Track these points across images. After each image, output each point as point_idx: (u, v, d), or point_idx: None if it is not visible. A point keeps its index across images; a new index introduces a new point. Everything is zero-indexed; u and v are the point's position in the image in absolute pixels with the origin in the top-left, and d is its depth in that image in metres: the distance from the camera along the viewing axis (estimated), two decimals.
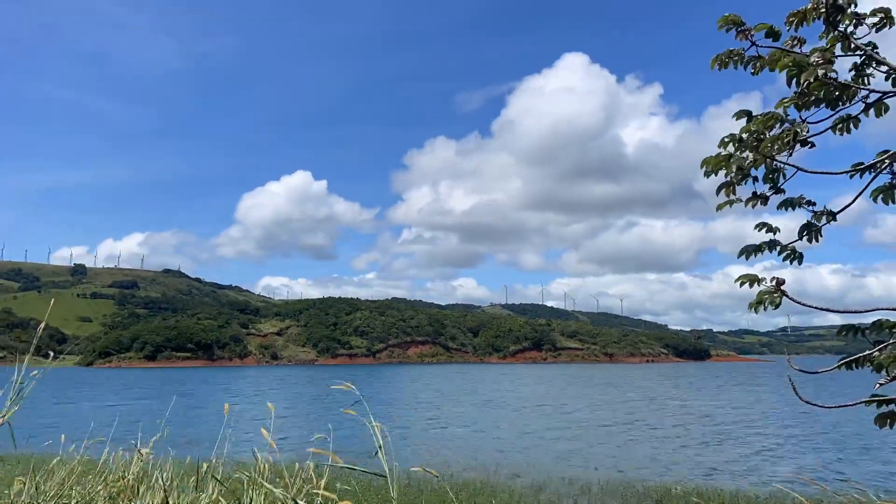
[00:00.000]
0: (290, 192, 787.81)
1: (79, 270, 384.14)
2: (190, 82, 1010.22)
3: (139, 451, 6.80)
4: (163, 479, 6.10)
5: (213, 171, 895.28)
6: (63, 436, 7.59)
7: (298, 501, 4.22)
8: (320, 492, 3.96)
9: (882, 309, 3.86)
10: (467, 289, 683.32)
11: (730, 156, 4.07)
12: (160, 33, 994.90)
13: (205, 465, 6.61)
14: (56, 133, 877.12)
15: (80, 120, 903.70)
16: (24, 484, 6.31)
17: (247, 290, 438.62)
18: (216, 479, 5.80)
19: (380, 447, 4.04)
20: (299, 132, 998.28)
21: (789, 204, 4.04)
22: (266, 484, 4.53)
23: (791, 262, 4.00)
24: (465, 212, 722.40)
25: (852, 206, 4.01)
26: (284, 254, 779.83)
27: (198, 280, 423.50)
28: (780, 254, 4.01)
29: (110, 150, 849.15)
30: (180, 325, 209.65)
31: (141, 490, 6.32)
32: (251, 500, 5.65)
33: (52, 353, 5.69)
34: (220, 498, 5.97)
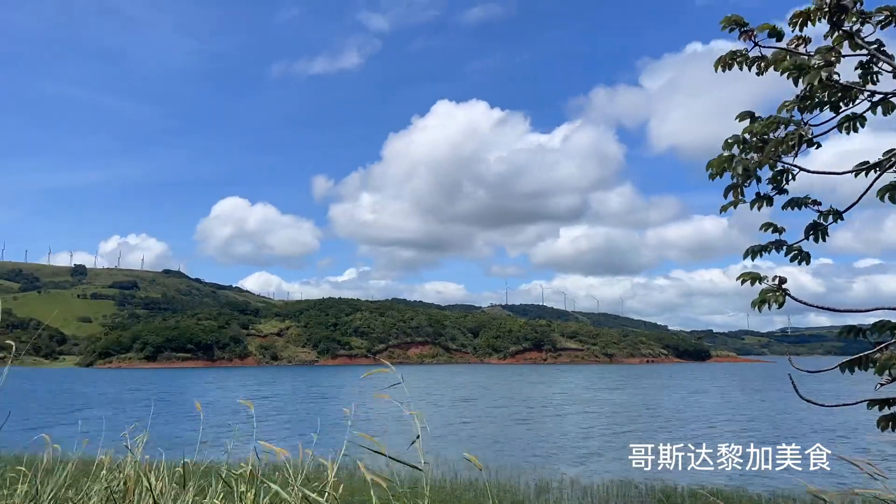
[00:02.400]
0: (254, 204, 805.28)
1: (79, 271, 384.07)
2: (205, 81, 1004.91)
3: (131, 451, 6.78)
4: (154, 481, 6.08)
5: (208, 173, 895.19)
6: (57, 436, 7.57)
7: (309, 494, 4.18)
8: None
9: (884, 309, 3.84)
10: (445, 292, 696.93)
11: (732, 157, 4.05)
12: (178, 32, 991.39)
13: (191, 464, 6.59)
14: (59, 132, 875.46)
15: (81, 119, 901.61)
16: (22, 485, 6.30)
17: (247, 291, 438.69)
18: (220, 476, 5.79)
19: (418, 436, 3.87)
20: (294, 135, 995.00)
21: (795, 204, 4.03)
22: (268, 482, 4.51)
23: (799, 263, 3.99)
24: (415, 225, 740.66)
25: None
26: (255, 263, 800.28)
27: (198, 280, 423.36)
28: (787, 254, 3.99)
29: (115, 150, 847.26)
30: (180, 325, 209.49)
31: (135, 490, 6.30)
32: (250, 498, 5.64)
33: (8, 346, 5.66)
34: (216, 501, 5.95)
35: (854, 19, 3.66)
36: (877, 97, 3.73)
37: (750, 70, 3.99)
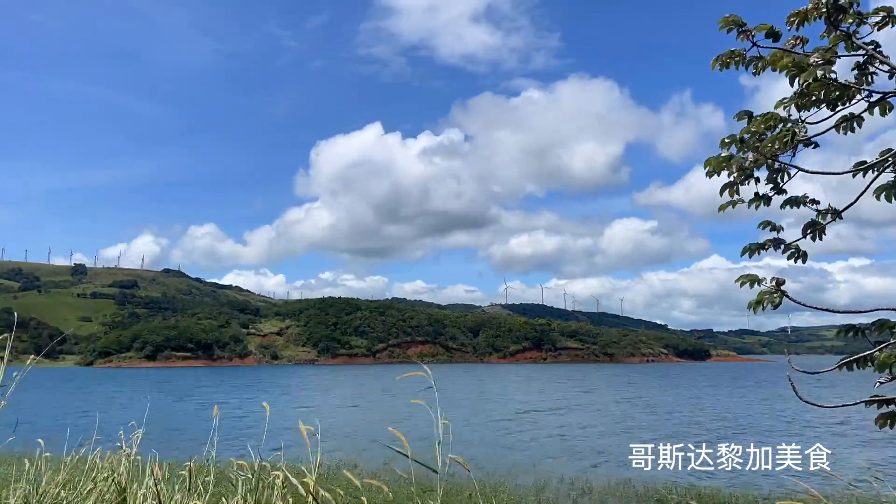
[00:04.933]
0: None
1: (79, 270, 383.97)
2: (221, 81, 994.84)
3: (126, 451, 6.76)
4: (154, 480, 6.06)
5: (205, 174, 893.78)
6: (55, 435, 7.56)
7: (322, 492, 4.20)
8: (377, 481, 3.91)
9: (883, 309, 3.85)
10: (423, 290, 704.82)
11: (731, 156, 4.06)
12: (195, 31, 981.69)
13: (192, 464, 6.59)
14: (60, 131, 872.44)
15: (83, 118, 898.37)
16: (17, 484, 6.29)
17: (247, 290, 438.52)
18: (229, 477, 5.77)
19: (439, 442, 4.02)
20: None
21: (793, 203, 4.03)
22: (291, 477, 4.50)
23: (795, 261, 4.00)
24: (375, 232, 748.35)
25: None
26: (234, 267, 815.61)
27: (198, 280, 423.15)
28: (783, 252, 4.00)
29: (115, 150, 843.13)
30: (180, 324, 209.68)
31: (131, 490, 6.29)
32: (244, 498, 5.64)
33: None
34: (222, 497, 5.95)
35: (851, 20, 3.66)
36: (875, 97, 3.73)
37: (747, 70, 4.00)
